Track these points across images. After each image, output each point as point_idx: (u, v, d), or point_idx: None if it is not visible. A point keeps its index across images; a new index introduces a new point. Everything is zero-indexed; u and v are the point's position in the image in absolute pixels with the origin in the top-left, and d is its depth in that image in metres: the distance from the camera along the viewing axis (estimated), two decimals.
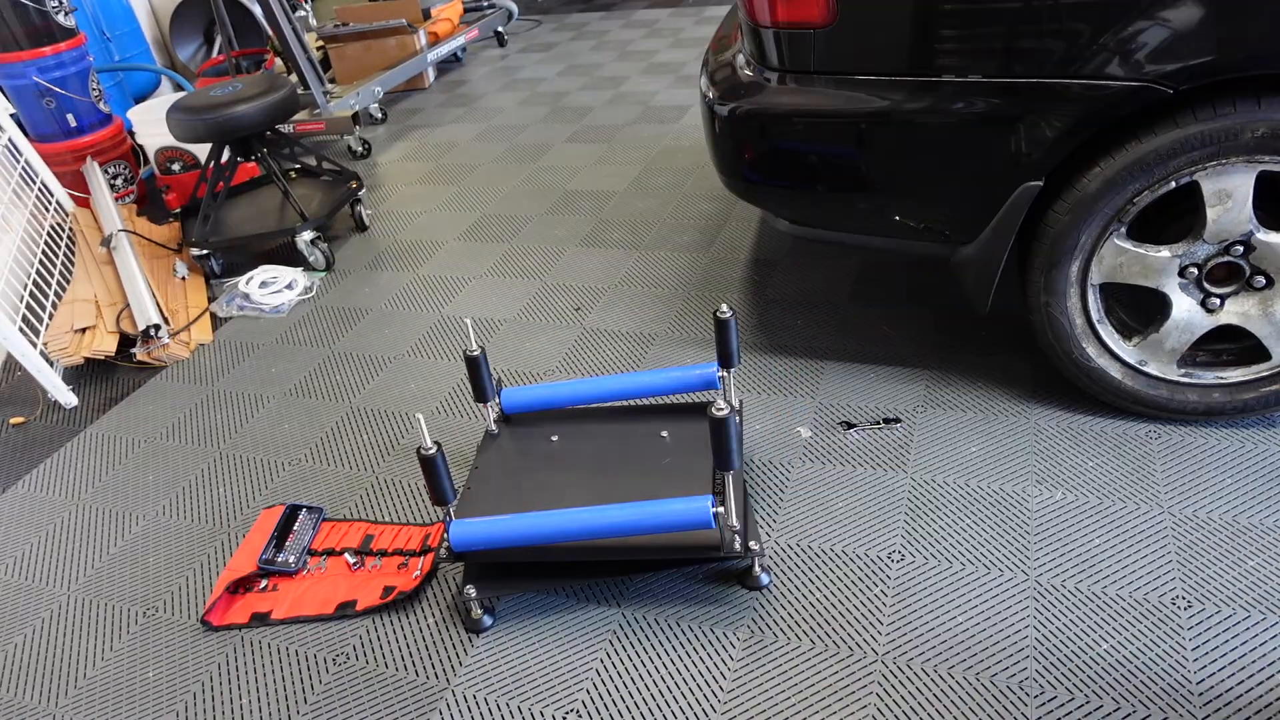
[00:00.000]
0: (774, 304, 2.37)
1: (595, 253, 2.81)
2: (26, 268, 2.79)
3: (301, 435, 2.14)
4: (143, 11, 4.52)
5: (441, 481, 1.43)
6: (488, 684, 1.46)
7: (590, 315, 2.46)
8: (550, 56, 5.13)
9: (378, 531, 1.79)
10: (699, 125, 3.72)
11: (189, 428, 2.24)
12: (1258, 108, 1.48)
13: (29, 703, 1.56)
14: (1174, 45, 1.46)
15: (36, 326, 2.50)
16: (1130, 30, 1.47)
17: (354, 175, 3.16)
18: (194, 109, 2.78)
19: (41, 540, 1.94)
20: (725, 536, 1.45)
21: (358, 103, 3.99)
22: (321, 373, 2.38)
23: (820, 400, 1.98)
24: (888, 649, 1.42)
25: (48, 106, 3.30)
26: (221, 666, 1.57)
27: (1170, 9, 1.45)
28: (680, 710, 1.38)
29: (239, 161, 2.99)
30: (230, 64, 4.02)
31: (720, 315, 1.64)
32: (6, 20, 3.13)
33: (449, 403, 2.18)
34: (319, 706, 1.47)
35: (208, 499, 1.98)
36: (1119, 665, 1.34)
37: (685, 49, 4.87)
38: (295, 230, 2.87)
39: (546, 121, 4.06)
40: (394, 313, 2.63)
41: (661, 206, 3.05)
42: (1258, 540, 1.51)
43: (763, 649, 1.45)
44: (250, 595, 1.69)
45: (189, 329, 2.62)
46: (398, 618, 1.61)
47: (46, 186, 3.18)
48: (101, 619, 1.71)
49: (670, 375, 1.81)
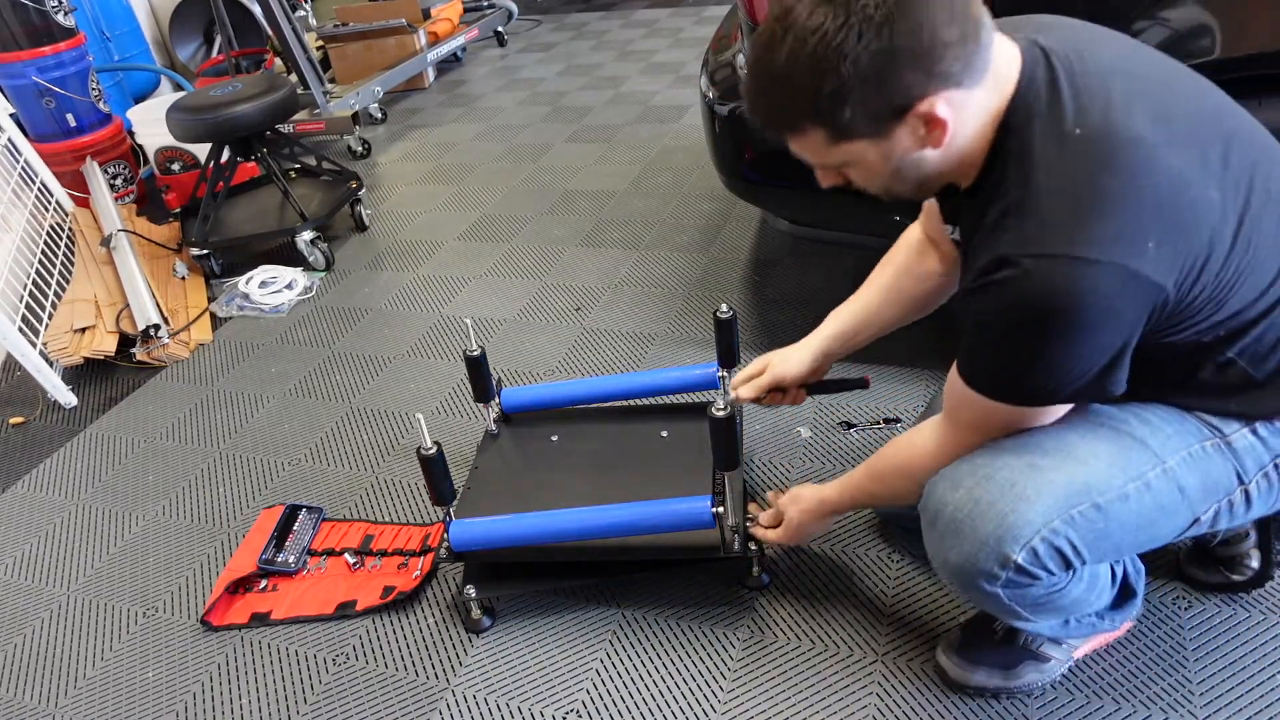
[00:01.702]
0: (774, 304, 2.37)
1: (595, 253, 2.81)
2: (26, 268, 2.79)
3: (301, 435, 2.14)
4: (142, 11, 4.51)
5: (441, 481, 1.43)
6: (488, 684, 1.46)
7: (590, 315, 2.46)
8: (550, 56, 5.13)
9: (378, 531, 1.79)
10: (699, 125, 3.71)
11: (189, 428, 2.24)
12: (1258, 108, 1.48)
13: (29, 703, 1.56)
14: (1174, 45, 1.46)
15: (36, 326, 2.50)
16: (1131, 30, 1.47)
17: (354, 175, 3.16)
18: (194, 109, 2.78)
19: (41, 540, 1.94)
20: (725, 536, 1.44)
21: (358, 103, 3.99)
22: (321, 373, 2.38)
23: (820, 400, 1.98)
24: (888, 649, 1.42)
25: (47, 106, 3.30)
26: (221, 666, 1.57)
27: (1170, 8, 1.45)
28: (680, 710, 1.38)
29: (239, 161, 2.99)
30: (230, 64, 4.02)
31: (721, 315, 1.64)
32: (6, 20, 3.12)
33: (449, 403, 2.18)
34: (319, 706, 1.47)
35: (208, 499, 1.98)
36: (1119, 665, 1.34)
37: (685, 49, 4.87)
38: (295, 230, 2.87)
39: (546, 121, 4.06)
40: (394, 313, 2.63)
41: (661, 206, 3.05)
42: None
43: (763, 649, 1.45)
44: (250, 595, 1.69)
45: (189, 329, 2.62)
46: (398, 618, 1.61)
47: (46, 186, 3.18)
48: (101, 619, 1.71)
49: (670, 375, 1.81)
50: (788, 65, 0.88)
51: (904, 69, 0.85)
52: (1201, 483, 1.03)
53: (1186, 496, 1.03)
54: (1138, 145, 0.88)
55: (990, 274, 0.90)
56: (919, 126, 0.90)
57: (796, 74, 0.88)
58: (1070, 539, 1.00)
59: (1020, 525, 1.00)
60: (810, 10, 0.86)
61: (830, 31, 0.84)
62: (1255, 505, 1.08)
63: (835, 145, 0.93)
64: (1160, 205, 0.87)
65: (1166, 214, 0.87)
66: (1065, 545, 1.00)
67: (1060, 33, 0.97)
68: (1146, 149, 0.88)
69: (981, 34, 0.88)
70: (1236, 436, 1.04)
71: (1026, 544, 1.00)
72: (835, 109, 0.88)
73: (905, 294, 1.38)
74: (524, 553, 1.51)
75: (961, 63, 0.87)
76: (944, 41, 0.85)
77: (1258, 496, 1.07)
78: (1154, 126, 0.89)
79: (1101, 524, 1.00)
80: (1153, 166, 0.88)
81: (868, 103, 0.88)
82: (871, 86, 0.86)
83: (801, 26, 0.86)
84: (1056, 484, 1.00)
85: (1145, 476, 1.01)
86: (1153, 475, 1.02)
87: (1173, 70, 1.00)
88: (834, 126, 0.91)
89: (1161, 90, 0.95)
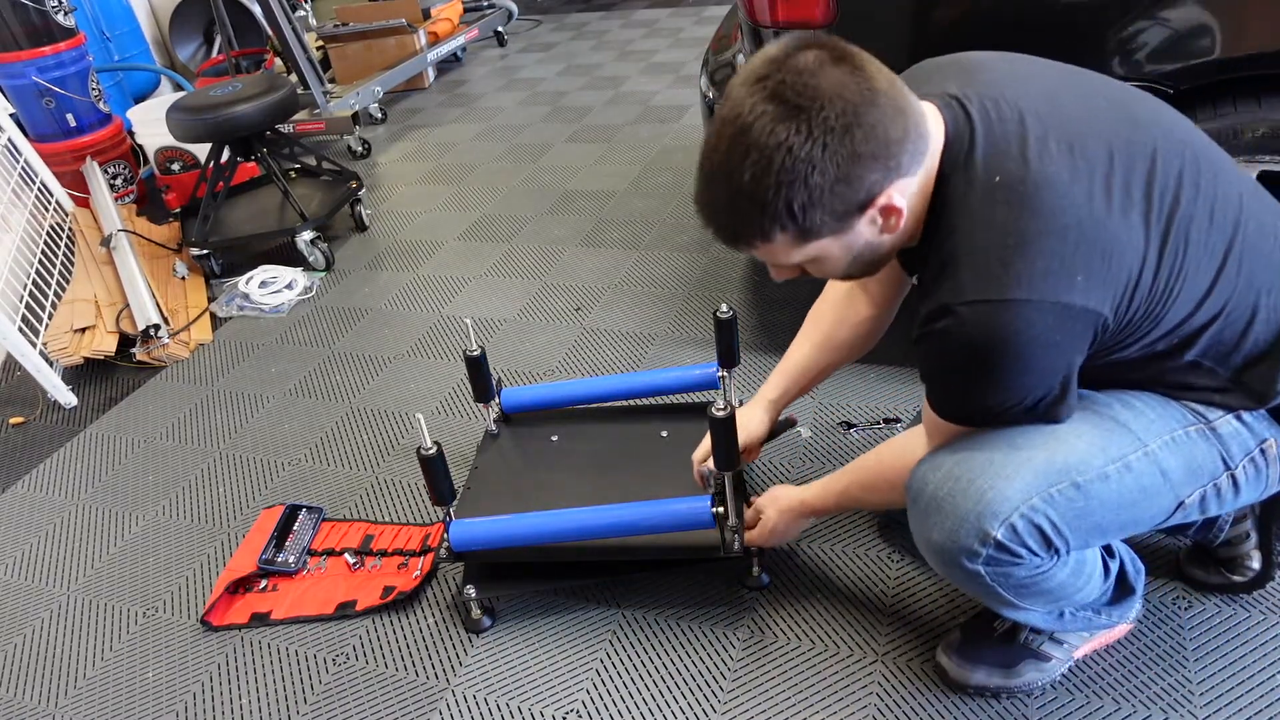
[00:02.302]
0: (774, 304, 2.37)
1: (595, 253, 2.81)
2: (26, 268, 2.79)
3: (301, 435, 2.14)
4: (142, 11, 4.51)
5: (441, 481, 1.43)
6: (488, 684, 1.46)
7: (590, 315, 2.46)
8: (550, 56, 5.13)
9: (378, 531, 1.79)
10: (699, 125, 3.71)
11: (189, 428, 2.24)
12: (1258, 108, 1.48)
13: (29, 703, 1.56)
14: (1174, 45, 1.46)
15: (36, 326, 2.50)
16: (1131, 30, 1.48)
17: (354, 175, 3.16)
18: (194, 109, 2.78)
19: (41, 540, 1.94)
20: (725, 536, 1.44)
21: (358, 103, 3.99)
22: (321, 373, 2.38)
23: (820, 400, 1.98)
24: (888, 649, 1.42)
25: (47, 106, 3.30)
26: (221, 666, 1.57)
27: (1171, 8, 1.45)
28: (680, 710, 1.38)
29: (239, 161, 2.99)
30: (230, 64, 4.02)
31: (721, 315, 1.64)
32: (6, 20, 3.12)
33: (449, 403, 2.18)
34: (319, 706, 1.47)
35: (208, 499, 1.98)
36: (1119, 665, 1.34)
37: (685, 49, 4.87)
38: (295, 230, 2.87)
39: (546, 121, 4.06)
40: (394, 313, 2.63)
41: (661, 206, 3.05)
42: None
43: (763, 649, 1.45)
44: (250, 595, 1.69)
45: (189, 329, 2.62)
46: (398, 618, 1.61)
47: (46, 186, 3.18)
48: (101, 619, 1.71)
49: (670, 375, 1.81)
50: (754, 182, 0.90)
51: (866, 169, 0.90)
52: (1185, 466, 1.05)
53: (1169, 479, 1.05)
54: (1053, 185, 0.92)
55: (933, 322, 0.96)
56: (877, 217, 0.95)
57: (763, 189, 0.90)
58: (1049, 516, 1.02)
59: (999, 501, 1.02)
60: (771, 126, 0.88)
61: (796, 146, 0.87)
62: (1244, 491, 1.09)
63: (801, 246, 0.97)
64: (1082, 240, 0.91)
65: (1089, 247, 0.91)
66: (1044, 522, 1.02)
67: (978, 76, 1.01)
68: (1063, 187, 0.92)
69: (920, 122, 0.93)
70: (1221, 422, 1.06)
71: (1005, 520, 1.02)
72: (805, 215, 0.91)
73: (840, 342, 1.45)
74: (524, 553, 1.51)
75: (909, 153, 0.92)
76: (897, 138, 0.90)
77: (1245, 482, 1.08)
78: (1071, 162, 0.93)
79: (1081, 502, 1.02)
80: (1071, 203, 0.92)
81: (835, 205, 0.91)
82: (839, 190, 0.90)
83: (764, 144, 0.88)
84: (1036, 462, 1.02)
85: (1126, 458, 1.03)
86: (1134, 457, 1.04)
87: (1091, 91, 1.03)
88: (801, 231, 0.94)
89: (1078, 121, 0.97)
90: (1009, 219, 0.92)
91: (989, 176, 0.94)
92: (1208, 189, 0.98)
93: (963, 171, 0.96)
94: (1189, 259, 0.96)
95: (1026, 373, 0.96)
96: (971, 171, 0.95)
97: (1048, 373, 0.97)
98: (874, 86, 0.89)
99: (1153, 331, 0.99)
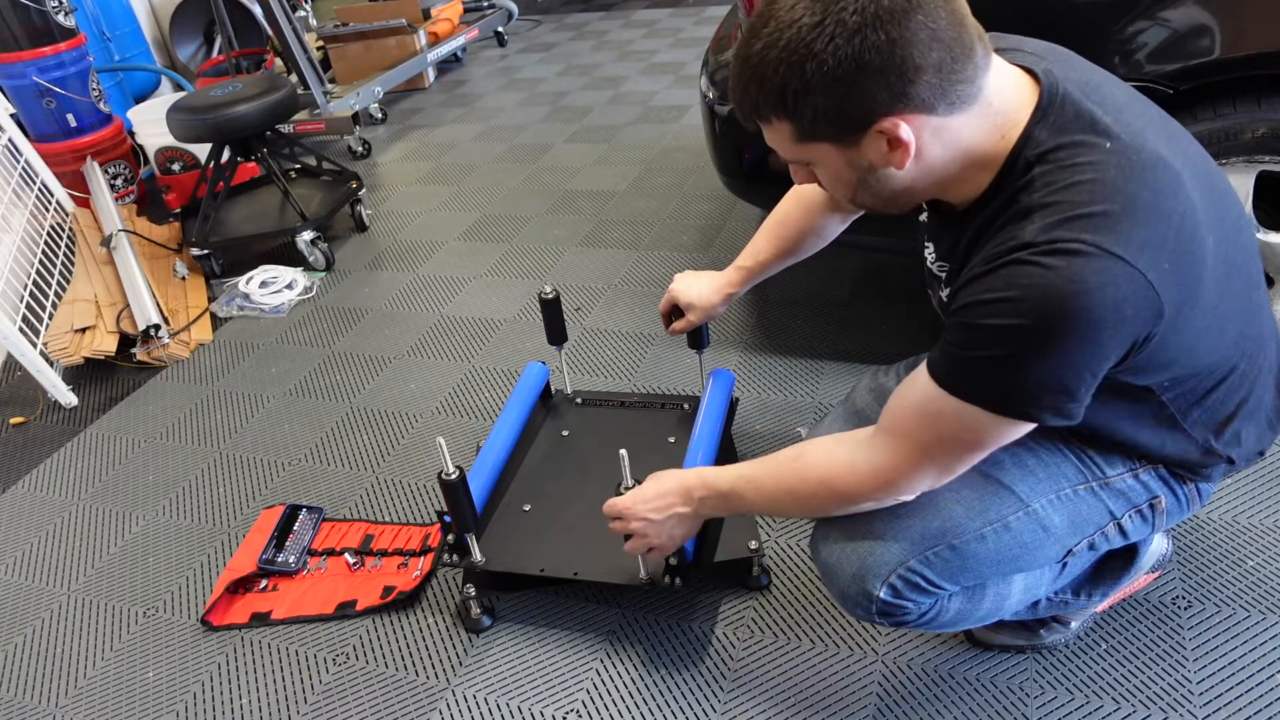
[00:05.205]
0: (774, 304, 2.37)
1: (595, 253, 2.81)
2: (26, 268, 2.79)
3: (301, 435, 2.14)
4: (143, 11, 4.52)
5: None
6: (488, 684, 1.46)
7: (590, 315, 2.46)
8: (550, 56, 5.13)
9: (378, 531, 1.79)
10: (699, 125, 3.71)
11: (189, 428, 2.24)
12: (1258, 108, 1.48)
13: (29, 703, 1.56)
14: (1174, 45, 1.46)
15: (36, 326, 2.50)
16: (1131, 30, 1.48)
17: (354, 175, 3.16)
18: (194, 109, 2.78)
19: (41, 540, 1.94)
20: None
21: (358, 103, 3.99)
22: (321, 373, 2.38)
23: (820, 400, 1.98)
24: (888, 649, 1.42)
25: (48, 106, 3.30)
26: (221, 666, 1.57)
27: (1171, 8, 1.45)
28: (680, 710, 1.38)
29: (239, 161, 2.99)
30: (230, 64, 4.02)
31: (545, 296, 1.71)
32: (6, 20, 3.13)
33: (449, 403, 2.18)
34: (319, 706, 1.47)
35: (208, 499, 1.98)
36: (1119, 665, 1.34)
37: (685, 49, 4.87)
38: (295, 230, 2.87)
39: (546, 121, 4.06)
40: (394, 313, 2.63)
41: (661, 206, 3.05)
42: (1257, 540, 1.51)
43: (762, 649, 1.45)
44: (250, 595, 1.69)
45: (189, 329, 2.62)
46: (398, 618, 1.61)
47: (46, 186, 3.18)
48: (101, 619, 1.71)
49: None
50: (761, 55, 0.87)
51: (868, 82, 0.83)
52: (1069, 521, 1.10)
53: (1052, 533, 1.09)
54: (1167, 167, 0.87)
55: (1007, 256, 0.86)
56: (882, 143, 0.89)
57: (767, 65, 0.87)
58: (926, 575, 1.07)
59: (878, 566, 1.08)
60: (794, 2, 0.85)
61: (805, 28, 0.83)
62: (1130, 535, 1.15)
63: (801, 143, 0.93)
64: (1180, 232, 0.86)
65: (1181, 242, 0.86)
66: (921, 580, 1.07)
67: (1062, 62, 0.96)
68: (1174, 173, 0.87)
69: (970, 62, 0.85)
70: (1116, 479, 1.10)
71: (885, 580, 1.07)
72: (798, 107, 0.88)
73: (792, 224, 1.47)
74: None
75: (937, 89, 0.84)
76: (917, 64, 0.82)
77: (1131, 529, 1.14)
78: (1173, 156, 0.89)
79: (958, 562, 1.07)
80: (1179, 191, 0.87)
81: (828, 108, 0.86)
82: (833, 92, 0.85)
83: (782, 18, 0.85)
84: (913, 529, 1.07)
85: (1006, 519, 1.08)
86: (1014, 518, 1.08)
87: (1164, 114, 1.00)
88: (798, 124, 0.90)
89: (1167, 125, 0.96)
90: (1123, 180, 0.84)
91: (1099, 141, 0.87)
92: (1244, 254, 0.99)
93: (1068, 134, 0.88)
94: (1229, 306, 0.95)
95: (1083, 342, 0.84)
96: (1079, 133, 0.88)
97: (1095, 357, 0.86)
98: (924, 8, 0.81)
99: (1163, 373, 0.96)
